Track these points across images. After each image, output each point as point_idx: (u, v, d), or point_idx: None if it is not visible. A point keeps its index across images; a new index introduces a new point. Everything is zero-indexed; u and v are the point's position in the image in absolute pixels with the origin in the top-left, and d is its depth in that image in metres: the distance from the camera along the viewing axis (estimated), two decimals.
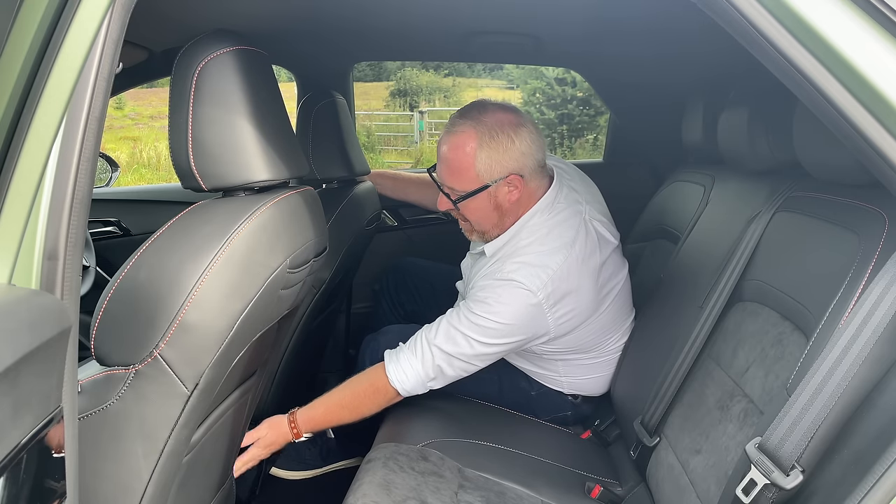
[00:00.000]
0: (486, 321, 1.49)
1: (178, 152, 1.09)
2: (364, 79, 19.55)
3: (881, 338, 0.82)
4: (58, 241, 0.81)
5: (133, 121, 17.15)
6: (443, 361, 1.52)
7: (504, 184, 1.54)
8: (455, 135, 1.54)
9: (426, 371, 1.52)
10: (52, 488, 0.79)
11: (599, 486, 1.44)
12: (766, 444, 0.89)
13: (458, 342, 1.51)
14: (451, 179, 1.57)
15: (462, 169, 1.54)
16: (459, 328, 1.51)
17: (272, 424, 1.57)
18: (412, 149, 15.47)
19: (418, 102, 19.34)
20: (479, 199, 1.56)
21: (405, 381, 1.53)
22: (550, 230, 1.57)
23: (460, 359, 1.52)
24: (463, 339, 1.50)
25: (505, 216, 1.60)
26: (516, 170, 1.54)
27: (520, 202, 1.59)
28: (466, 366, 1.54)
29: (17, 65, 0.80)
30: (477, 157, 1.52)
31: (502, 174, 1.53)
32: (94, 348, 0.99)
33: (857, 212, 1.04)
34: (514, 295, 1.48)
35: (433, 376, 1.53)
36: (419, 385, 1.54)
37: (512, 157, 1.52)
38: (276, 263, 1.13)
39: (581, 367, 1.72)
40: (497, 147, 1.51)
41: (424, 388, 1.55)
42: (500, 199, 1.57)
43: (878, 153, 0.78)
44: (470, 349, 1.51)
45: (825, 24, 0.76)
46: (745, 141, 1.51)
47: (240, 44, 1.13)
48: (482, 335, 1.50)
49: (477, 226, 1.63)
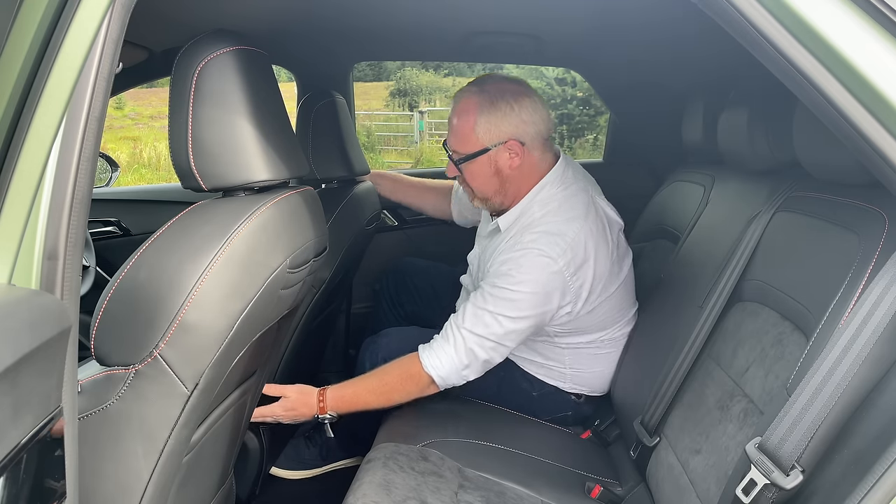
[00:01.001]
0: (510, 293, 1.51)
1: (178, 152, 1.09)
2: (364, 79, 19.55)
3: (881, 338, 0.82)
4: (58, 241, 0.81)
5: (133, 121, 17.15)
6: (474, 345, 1.52)
7: (504, 149, 1.61)
8: (460, 101, 1.64)
9: (459, 357, 1.53)
10: (51, 488, 0.79)
11: (599, 486, 1.45)
12: (766, 443, 0.89)
13: (487, 322, 1.52)
14: (455, 143, 1.66)
15: (464, 133, 1.62)
16: (486, 307, 1.53)
17: (302, 390, 1.58)
18: (412, 149, 15.47)
19: (418, 102, 19.34)
20: (480, 163, 1.63)
21: (440, 366, 1.53)
22: (562, 203, 1.62)
23: (490, 339, 1.53)
24: (491, 317, 1.52)
25: (506, 183, 1.65)
26: (516, 135, 1.60)
27: (522, 171, 1.64)
28: (497, 347, 1.54)
29: (17, 65, 0.80)
30: (477, 122, 1.60)
31: (501, 139, 1.60)
32: (94, 348, 0.99)
33: (857, 212, 1.04)
34: (536, 263, 1.52)
35: (467, 363, 1.53)
36: (454, 372, 1.54)
37: (511, 123, 1.59)
38: (276, 263, 1.13)
39: (587, 358, 1.72)
40: (496, 112, 1.59)
41: (460, 377, 1.55)
42: (500, 164, 1.62)
43: (878, 153, 0.78)
44: (499, 327, 1.52)
45: (825, 24, 0.76)
46: (745, 141, 1.51)
47: (240, 44, 1.13)
48: (509, 309, 1.51)
49: (478, 192, 1.69)
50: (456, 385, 1.57)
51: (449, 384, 1.56)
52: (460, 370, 1.54)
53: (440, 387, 1.56)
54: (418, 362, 1.55)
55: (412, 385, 1.56)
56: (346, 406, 1.58)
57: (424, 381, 1.56)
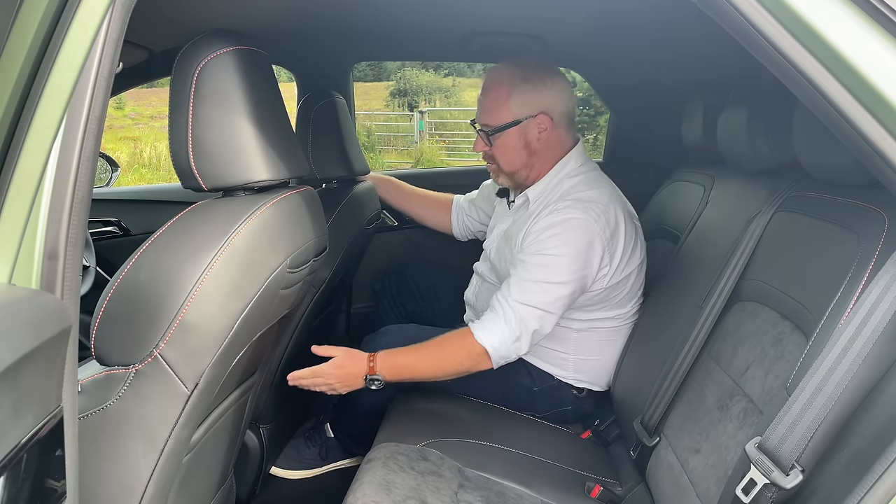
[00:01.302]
0: (553, 258, 1.55)
1: (179, 152, 1.09)
2: (364, 79, 19.56)
3: (881, 337, 0.82)
4: (58, 241, 0.81)
5: (133, 121, 17.15)
6: (525, 314, 1.53)
7: (534, 122, 1.66)
8: (493, 75, 1.70)
9: (511, 328, 1.53)
10: (52, 488, 0.79)
11: (599, 486, 1.45)
12: (765, 443, 0.89)
13: (533, 291, 1.54)
14: (486, 116, 1.70)
15: (497, 105, 1.68)
16: (531, 278, 1.55)
17: (350, 351, 1.58)
18: (412, 149, 15.46)
19: (418, 102, 19.35)
20: (510, 136, 1.68)
21: (492, 337, 1.53)
22: (588, 176, 1.69)
23: (539, 308, 1.54)
24: (536, 286, 1.54)
25: (534, 157, 1.70)
26: (546, 109, 1.67)
27: (548, 145, 1.70)
28: (546, 315, 1.55)
29: (17, 65, 0.80)
30: (510, 94, 1.66)
31: (532, 112, 1.66)
32: (94, 348, 0.99)
33: (857, 212, 1.04)
34: (575, 227, 1.56)
35: (518, 333, 1.54)
36: (505, 344, 1.54)
37: (543, 97, 1.66)
38: (276, 263, 1.13)
39: (592, 343, 1.73)
40: (529, 85, 1.66)
41: (512, 349, 1.55)
42: (529, 137, 1.68)
43: (878, 153, 0.78)
44: (546, 295, 1.54)
45: (825, 24, 0.76)
46: (745, 141, 1.51)
47: (240, 44, 1.13)
48: (553, 275, 1.54)
49: (506, 165, 1.72)
50: (509, 359, 1.57)
51: (501, 357, 1.55)
52: (512, 342, 1.54)
53: (493, 360, 1.56)
54: (471, 335, 1.55)
55: (464, 356, 1.56)
56: (397, 371, 1.55)
57: (477, 351, 1.54)
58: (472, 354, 1.55)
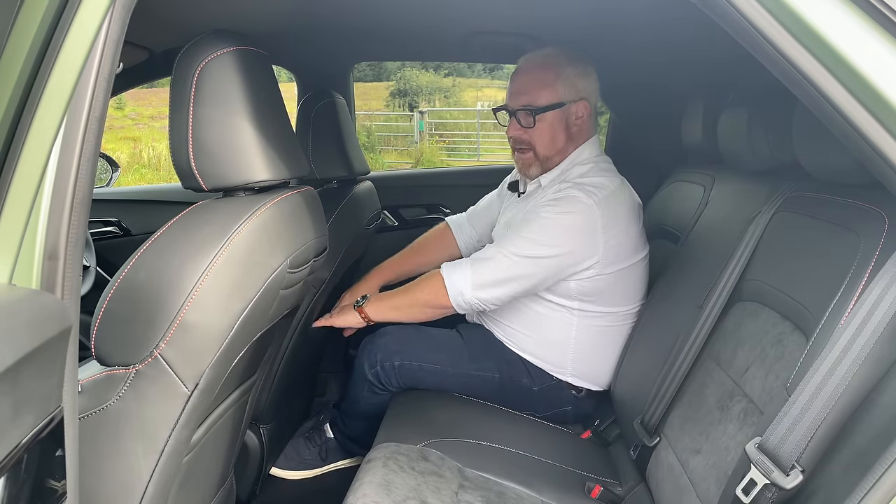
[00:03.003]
0: (547, 221, 1.57)
1: (179, 152, 1.09)
2: (364, 79, 19.55)
3: (881, 337, 0.82)
4: (58, 241, 0.81)
5: (133, 121, 17.15)
6: (494, 255, 1.57)
7: (576, 108, 1.68)
8: (538, 54, 1.70)
9: (475, 268, 1.57)
10: (52, 488, 0.79)
11: (599, 486, 1.45)
12: (765, 443, 0.89)
13: (515, 242, 1.58)
14: (528, 96, 1.68)
15: (542, 84, 1.66)
16: (519, 233, 1.59)
17: (342, 309, 1.78)
18: (412, 149, 15.46)
19: (418, 102, 19.35)
20: (553, 118, 1.67)
21: (452, 270, 1.60)
22: (599, 164, 1.70)
23: (513, 255, 1.56)
24: (521, 239, 1.57)
25: (568, 143, 1.71)
26: (587, 96, 1.68)
27: (581, 134, 1.71)
28: (514, 267, 1.57)
29: (17, 65, 0.80)
30: (559, 75, 1.66)
31: (576, 96, 1.67)
32: (95, 348, 0.99)
33: (857, 212, 1.04)
34: (576, 206, 1.57)
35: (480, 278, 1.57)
36: (467, 285, 1.58)
37: (586, 83, 1.68)
38: (276, 263, 1.13)
39: (594, 337, 1.73)
40: (575, 70, 1.67)
41: (472, 295, 1.58)
42: (569, 122, 1.68)
43: (878, 153, 0.78)
44: (527, 248, 1.56)
45: (825, 24, 0.76)
46: (745, 141, 1.51)
47: (240, 44, 1.13)
48: (541, 234, 1.57)
49: (543, 148, 1.71)
50: (464, 297, 1.59)
51: (456, 291, 1.59)
52: (473, 287, 1.57)
53: (451, 300, 1.60)
54: (438, 273, 1.61)
55: (427, 286, 1.64)
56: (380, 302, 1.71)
57: (436, 282, 1.61)
58: (433, 284, 1.61)
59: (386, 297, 1.73)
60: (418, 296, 1.66)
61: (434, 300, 1.63)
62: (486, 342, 1.79)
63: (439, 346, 1.78)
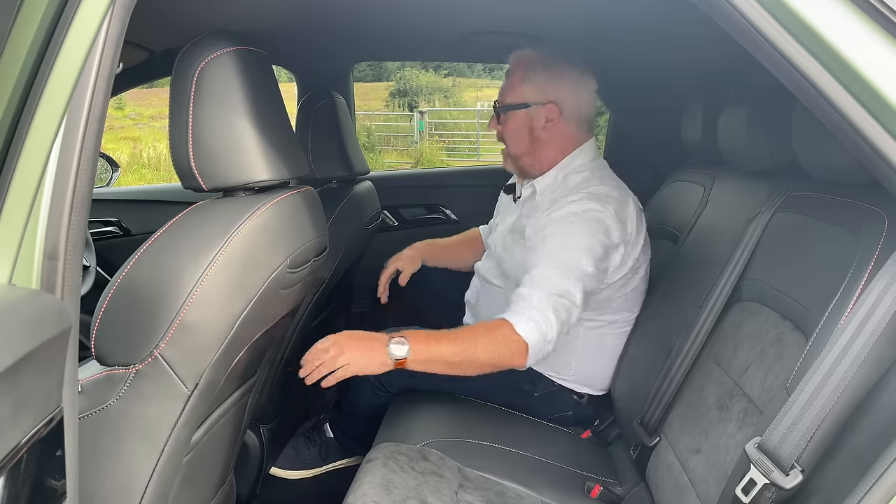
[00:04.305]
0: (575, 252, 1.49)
1: (179, 152, 1.09)
2: (364, 79, 19.57)
3: (881, 337, 0.82)
4: (58, 241, 0.81)
5: (133, 121, 17.16)
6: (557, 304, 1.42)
7: (543, 110, 1.65)
8: (517, 56, 1.70)
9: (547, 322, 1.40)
10: (52, 488, 0.79)
11: (599, 486, 1.45)
12: (765, 443, 0.89)
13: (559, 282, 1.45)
14: (502, 95, 1.72)
15: (513, 84, 1.68)
16: (557, 267, 1.47)
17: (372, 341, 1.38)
18: (412, 149, 15.47)
19: (418, 102, 19.36)
20: (517, 118, 1.68)
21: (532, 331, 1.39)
22: (596, 175, 1.66)
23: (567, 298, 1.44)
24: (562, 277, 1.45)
25: (538, 147, 1.69)
26: (557, 100, 1.65)
27: (553, 137, 1.68)
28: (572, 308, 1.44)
29: (17, 65, 0.80)
30: (525, 77, 1.66)
31: (542, 99, 1.65)
32: (95, 348, 0.99)
33: (857, 212, 1.04)
34: (595, 218, 1.53)
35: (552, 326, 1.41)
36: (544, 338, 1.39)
37: (557, 88, 1.65)
38: (276, 263, 1.13)
39: (597, 347, 1.72)
40: (547, 73, 1.65)
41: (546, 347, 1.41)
42: (534, 125, 1.67)
43: (878, 153, 0.78)
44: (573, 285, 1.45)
45: (825, 24, 0.76)
46: (745, 141, 1.51)
47: (240, 44, 1.13)
48: (578, 264, 1.47)
49: (511, 148, 1.72)
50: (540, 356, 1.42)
51: (538, 352, 1.40)
52: (547, 335, 1.41)
53: (530, 355, 1.39)
54: (509, 326, 1.39)
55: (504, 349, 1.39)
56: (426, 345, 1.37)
57: (516, 346, 1.38)
58: (511, 348, 1.39)
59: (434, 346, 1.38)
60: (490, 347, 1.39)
61: (509, 362, 1.41)
62: None
63: None
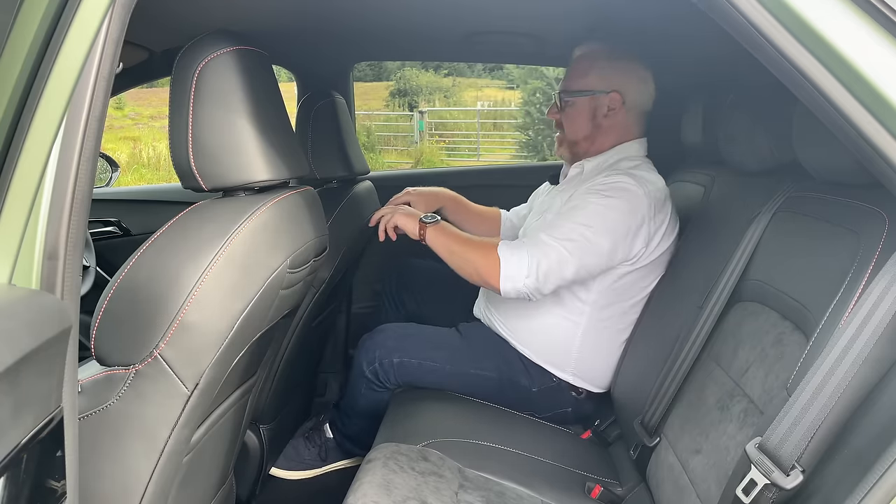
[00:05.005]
0: (600, 209, 1.57)
1: (179, 152, 1.09)
2: (364, 79, 19.57)
3: (881, 338, 0.82)
4: (58, 241, 0.81)
5: (133, 121, 17.16)
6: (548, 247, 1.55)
7: (606, 99, 1.72)
8: (585, 45, 1.78)
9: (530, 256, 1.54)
10: (52, 488, 0.79)
11: (599, 486, 1.45)
12: (766, 444, 0.89)
13: (563, 228, 1.57)
14: (566, 82, 1.79)
15: (579, 73, 1.76)
16: (567, 218, 1.59)
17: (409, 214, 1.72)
18: (412, 149, 15.46)
19: (418, 102, 19.36)
20: (580, 104, 1.75)
21: (510, 256, 1.55)
22: (650, 169, 1.72)
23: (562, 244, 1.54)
24: (571, 225, 1.57)
25: (597, 134, 1.76)
26: (620, 89, 1.72)
27: (614, 126, 1.75)
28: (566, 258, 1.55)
29: (17, 65, 0.80)
30: (593, 65, 1.74)
31: (606, 88, 1.72)
32: (95, 348, 0.99)
33: (857, 212, 1.04)
34: (628, 195, 1.59)
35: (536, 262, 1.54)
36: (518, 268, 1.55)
37: (622, 78, 1.73)
38: (276, 263, 1.13)
39: (597, 342, 1.72)
40: (613, 63, 1.73)
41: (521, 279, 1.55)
42: (597, 112, 1.74)
43: (878, 153, 0.78)
44: (577, 235, 1.55)
45: (825, 24, 0.76)
46: (745, 141, 1.51)
47: (240, 44, 1.13)
48: (590, 219, 1.56)
49: (570, 134, 1.79)
50: (516, 288, 1.56)
51: (507, 278, 1.56)
52: (527, 277, 1.55)
53: (500, 284, 1.57)
54: (495, 248, 1.58)
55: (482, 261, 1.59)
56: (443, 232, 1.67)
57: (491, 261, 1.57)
58: (488, 260, 1.57)
59: (451, 235, 1.67)
60: (474, 259, 1.61)
61: (485, 274, 1.59)
62: (486, 342, 1.79)
63: (438, 344, 1.78)
